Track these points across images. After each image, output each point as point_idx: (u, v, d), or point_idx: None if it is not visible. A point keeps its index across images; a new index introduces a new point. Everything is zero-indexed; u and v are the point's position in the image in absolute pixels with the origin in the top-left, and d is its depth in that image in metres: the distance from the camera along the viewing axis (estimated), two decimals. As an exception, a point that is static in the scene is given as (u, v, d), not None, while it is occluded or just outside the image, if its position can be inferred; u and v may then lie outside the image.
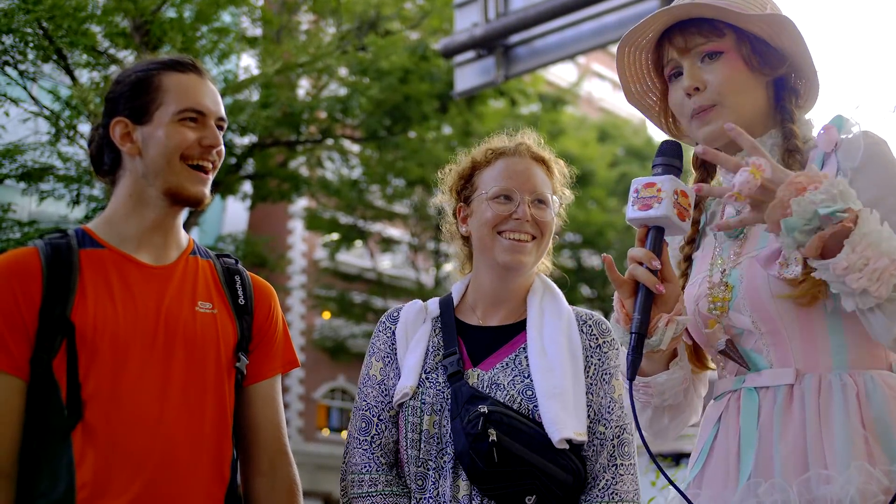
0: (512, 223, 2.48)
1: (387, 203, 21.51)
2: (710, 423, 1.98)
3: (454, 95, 9.28)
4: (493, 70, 8.33)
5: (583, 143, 22.46)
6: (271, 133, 14.14)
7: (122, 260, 2.23)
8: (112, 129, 2.27)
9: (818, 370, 1.82)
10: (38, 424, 2.09)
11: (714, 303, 1.94)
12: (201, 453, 2.19)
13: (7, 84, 10.99)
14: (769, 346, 1.88)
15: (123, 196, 2.28)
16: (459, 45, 8.48)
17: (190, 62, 2.32)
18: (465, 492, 2.32)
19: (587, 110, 30.72)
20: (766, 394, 1.87)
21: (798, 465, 1.76)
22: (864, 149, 1.82)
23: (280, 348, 2.42)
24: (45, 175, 11.26)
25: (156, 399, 2.14)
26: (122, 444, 2.09)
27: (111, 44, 11.30)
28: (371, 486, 2.39)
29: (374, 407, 2.47)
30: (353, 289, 24.40)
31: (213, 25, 12.09)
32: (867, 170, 1.81)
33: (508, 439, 2.29)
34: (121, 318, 2.15)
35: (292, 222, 26.89)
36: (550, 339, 2.44)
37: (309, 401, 27.50)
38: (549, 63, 8.61)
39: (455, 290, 2.63)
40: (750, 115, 1.94)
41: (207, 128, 2.27)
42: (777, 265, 1.80)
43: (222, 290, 2.34)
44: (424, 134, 17.11)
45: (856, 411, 1.76)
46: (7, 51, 10.67)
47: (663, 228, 1.81)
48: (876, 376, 1.80)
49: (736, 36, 1.93)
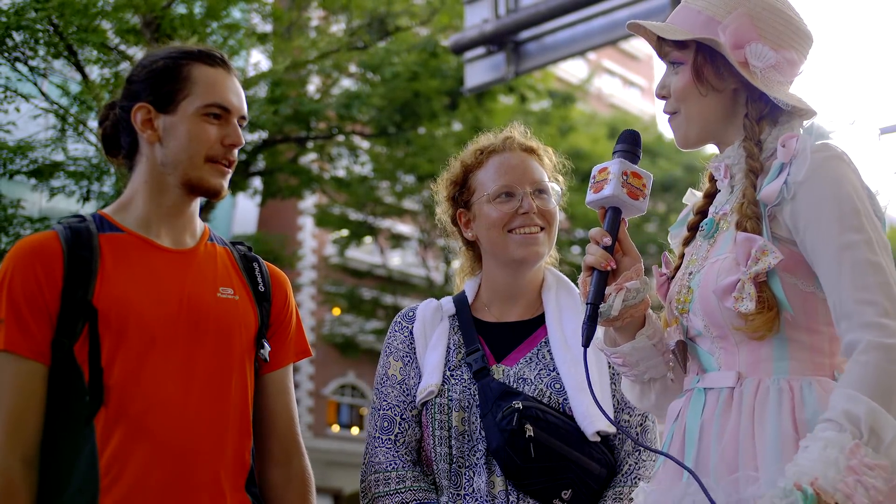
0: (520, 219, 2.47)
1: (396, 199, 21.50)
2: (671, 419, 2.01)
3: (464, 92, 9.28)
4: (504, 66, 8.31)
5: (593, 139, 22.42)
6: (281, 129, 14.14)
7: (142, 244, 2.22)
8: (134, 114, 2.25)
9: (758, 375, 1.85)
10: (61, 410, 2.09)
11: (678, 304, 1.98)
12: (225, 440, 2.18)
13: (18, 80, 11.01)
14: (719, 349, 1.92)
15: (140, 181, 2.27)
16: (469, 41, 8.47)
17: (220, 56, 2.30)
18: (502, 487, 2.32)
19: (597, 106, 30.65)
20: (711, 395, 1.90)
21: (730, 466, 1.80)
22: (811, 163, 1.82)
23: (294, 337, 2.41)
24: (55, 171, 11.29)
25: (180, 385, 2.14)
26: (146, 429, 2.08)
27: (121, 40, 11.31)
28: (399, 482, 2.37)
29: (395, 406, 2.46)
30: (363, 285, 24.41)
31: (223, 22, 12.10)
32: (808, 185, 1.82)
33: (545, 434, 2.29)
34: (144, 302, 2.14)
35: (302, 218, 26.89)
36: (573, 332, 2.43)
37: (319, 397, 27.52)
38: (559, 59, 8.59)
39: (468, 287, 2.63)
40: (706, 125, 1.99)
41: (230, 125, 2.26)
42: (732, 298, 1.83)
43: (242, 277, 2.33)
44: (434, 130, 17.10)
45: (789, 414, 1.79)
46: (18, 47, 10.71)
47: (619, 209, 1.93)
48: (814, 381, 1.82)
49: (696, 47, 1.96)
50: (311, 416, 27.22)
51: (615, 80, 36.67)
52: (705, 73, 1.96)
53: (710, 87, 1.96)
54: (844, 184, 1.81)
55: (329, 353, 26.91)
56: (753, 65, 1.92)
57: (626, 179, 1.91)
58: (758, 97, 1.95)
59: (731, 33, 1.92)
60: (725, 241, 1.93)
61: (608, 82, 35.90)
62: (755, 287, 1.80)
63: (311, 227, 26.33)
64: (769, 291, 1.81)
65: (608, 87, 35.62)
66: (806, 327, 1.85)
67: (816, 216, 1.80)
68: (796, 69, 1.98)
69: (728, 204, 1.98)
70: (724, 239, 1.94)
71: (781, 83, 1.94)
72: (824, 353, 1.85)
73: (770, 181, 1.87)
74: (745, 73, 1.91)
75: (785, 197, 1.84)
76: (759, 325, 1.82)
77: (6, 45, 10.57)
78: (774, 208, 1.86)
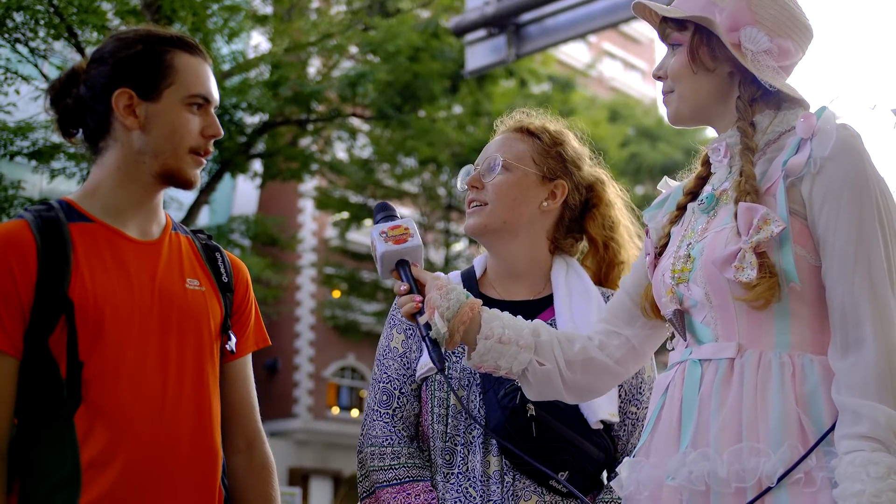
0: (468, 194, 2.56)
1: (396, 182, 21.49)
2: (658, 392, 2.03)
3: (465, 74, 9.26)
4: (504, 49, 8.29)
5: (593, 122, 22.37)
6: (281, 112, 14.12)
7: (111, 234, 2.18)
8: (115, 100, 2.18)
9: (759, 347, 1.87)
10: (37, 404, 2.06)
11: (675, 274, 1.99)
12: (204, 430, 2.18)
13: (18, 61, 10.99)
14: (717, 319, 1.92)
15: (111, 168, 2.21)
16: (470, 23, 8.44)
17: (197, 44, 2.28)
18: (497, 467, 2.32)
19: (598, 90, 30.59)
20: (709, 366, 1.91)
21: (732, 438, 1.81)
22: (837, 140, 1.85)
23: (253, 326, 2.41)
24: (55, 153, 11.28)
25: (158, 376, 2.13)
26: (126, 424, 2.07)
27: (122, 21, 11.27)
28: (393, 458, 2.38)
29: (395, 379, 2.46)
30: (363, 267, 24.42)
31: (223, 3, 12.04)
32: (836, 160, 1.84)
33: (546, 414, 2.30)
34: (119, 295, 2.11)
35: (302, 201, 26.89)
36: (583, 318, 2.44)
37: (319, 379, 27.58)
38: (560, 42, 8.58)
39: (477, 263, 2.64)
40: (700, 106, 2.03)
41: (210, 116, 2.24)
42: (732, 268, 1.84)
43: (206, 268, 2.31)
44: (434, 113, 17.07)
45: (790, 389, 1.81)
46: (18, 28, 10.66)
47: (402, 260, 2.14)
48: (814, 359, 1.84)
49: (694, 29, 2.00)
50: (311, 399, 27.29)
51: (616, 63, 36.56)
52: (700, 53, 1.99)
53: (704, 66, 2.00)
54: (868, 168, 1.85)
55: (329, 336, 26.97)
56: (746, 47, 1.95)
57: (387, 235, 2.13)
58: (750, 80, 1.98)
59: (728, 15, 1.95)
60: (728, 213, 1.94)
61: (609, 65, 35.80)
62: (756, 256, 1.82)
63: (312, 209, 26.34)
64: (769, 260, 1.83)
65: (609, 70, 35.53)
66: (810, 301, 1.87)
67: (837, 196, 1.83)
68: (791, 58, 2.00)
69: (728, 181, 2.00)
70: (726, 211, 1.96)
71: (774, 69, 1.97)
72: (825, 332, 1.87)
73: (790, 155, 1.89)
74: (737, 55, 1.94)
75: (810, 171, 1.86)
76: (761, 293, 1.83)
77: (6, 26, 10.54)
78: (795, 181, 1.88)
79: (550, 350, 2.12)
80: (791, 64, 2.02)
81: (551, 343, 2.12)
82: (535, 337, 2.11)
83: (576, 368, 2.12)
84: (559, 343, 2.13)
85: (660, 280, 2.05)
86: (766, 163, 1.95)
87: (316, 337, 27.58)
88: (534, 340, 2.10)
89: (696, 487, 1.82)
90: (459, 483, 2.33)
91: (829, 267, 1.84)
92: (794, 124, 1.95)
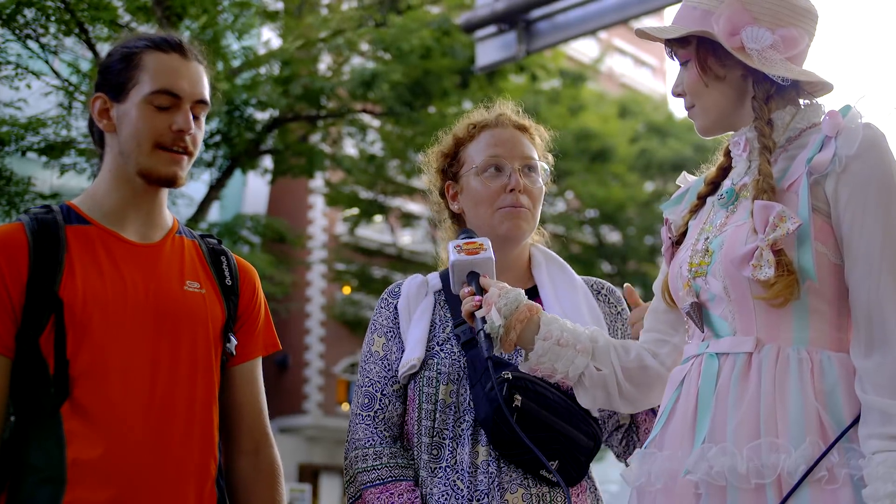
0: (508, 197, 2.50)
1: (406, 178, 21.48)
2: (673, 385, 2.02)
3: (475, 70, 9.25)
4: (515, 45, 8.28)
5: (603, 118, 22.32)
6: (291, 108, 14.11)
7: (108, 236, 2.21)
8: (92, 105, 2.26)
9: (778, 342, 1.87)
10: (28, 402, 2.09)
11: (692, 267, 1.99)
12: (193, 432, 2.19)
13: (29, 57, 11.02)
14: (735, 313, 1.92)
15: (105, 171, 2.27)
16: (480, 19, 8.43)
17: (176, 42, 2.28)
18: (485, 457, 2.33)
19: (608, 86, 30.53)
20: (726, 360, 1.91)
21: (750, 433, 1.81)
22: (863, 138, 1.85)
23: (262, 330, 2.43)
24: (66, 149, 11.31)
25: (147, 376, 2.14)
26: (112, 422, 2.08)
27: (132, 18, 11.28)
28: (376, 459, 2.38)
29: (376, 382, 2.47)
30: (374, 263, 24.43)
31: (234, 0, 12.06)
32: (862, 158, 1.84)
33: (533, 405, 2.30)
34: (110, 295, 2.14)
35: (313, 197, 26.90)
36: (572, 307, 2.45)
37: (329, 375, 27.61)
38: (570, 38, 8.55)
39: None
40: (721, 113, 2.05)
41: (180, 112, 2.22)
42: (750, 266, 1.84)
43: (209, 271, 2.33)
44: (445, 109, 17.04)
45: (809, 385, 1.81)
46: (29, 24, 10.69)
47: (473, 272, 2.20)
48: (833, 356, 1.85)
49: (697, 42, 2.02)
50: (322, 395, 27.32)
51: (626, 59, 36.48)
52: (709, 65, 2.01)
53: (715, 76, 2.01)
54: (893, 167, 1.85)
55: (339, 332, 26.97)
56: (750, 48, 1.95)
57: (461, 248, 2.21)
58: (762, 78, 1.98)
59: (725, 21, 1.96)
60: (747, 209, 1.94)
61: (619, 61, 35.73)
62: (773, 254, 1.82)
63: (322, 205, 26.33)
64: (787, 257, 1.83)
65: (619, 66, 35.46)
66: (829, 298, 1.87)
67: (862, 195, 1.83)
68: (799, 45, 1.99)
69: (748, 176, 2.00)
70: (745, 207, 1.96)
71: (783, 62, 1.96)
72: (843, 329, 1.87)
73: (814, 153, 1.89)
74: (743, 57, 1.95)
75: (835, 169, 1.86)
76: (779, 291, 1.83)
77: (17, 21, 10.56)
78: (819, 178, 1.88)
79: (608, 356, 2.14)
80: (801, 51, 2.01)
81: (608, 349, 2.14)
82: (592, 342, 2.13)
83: (631, 376, 2.15)
84: (615, 350, 2.15)
85: (677, 272, 2.05)
86: (788, 160, 1.96)
87: (326, 333, 27.60)
88: (591, 345, 2.12)
89: (716, 482, 1.82)
90: (447, 476, 2.34)
91: (853, 265, 1.84)
92: (817, 121, 1.96)
